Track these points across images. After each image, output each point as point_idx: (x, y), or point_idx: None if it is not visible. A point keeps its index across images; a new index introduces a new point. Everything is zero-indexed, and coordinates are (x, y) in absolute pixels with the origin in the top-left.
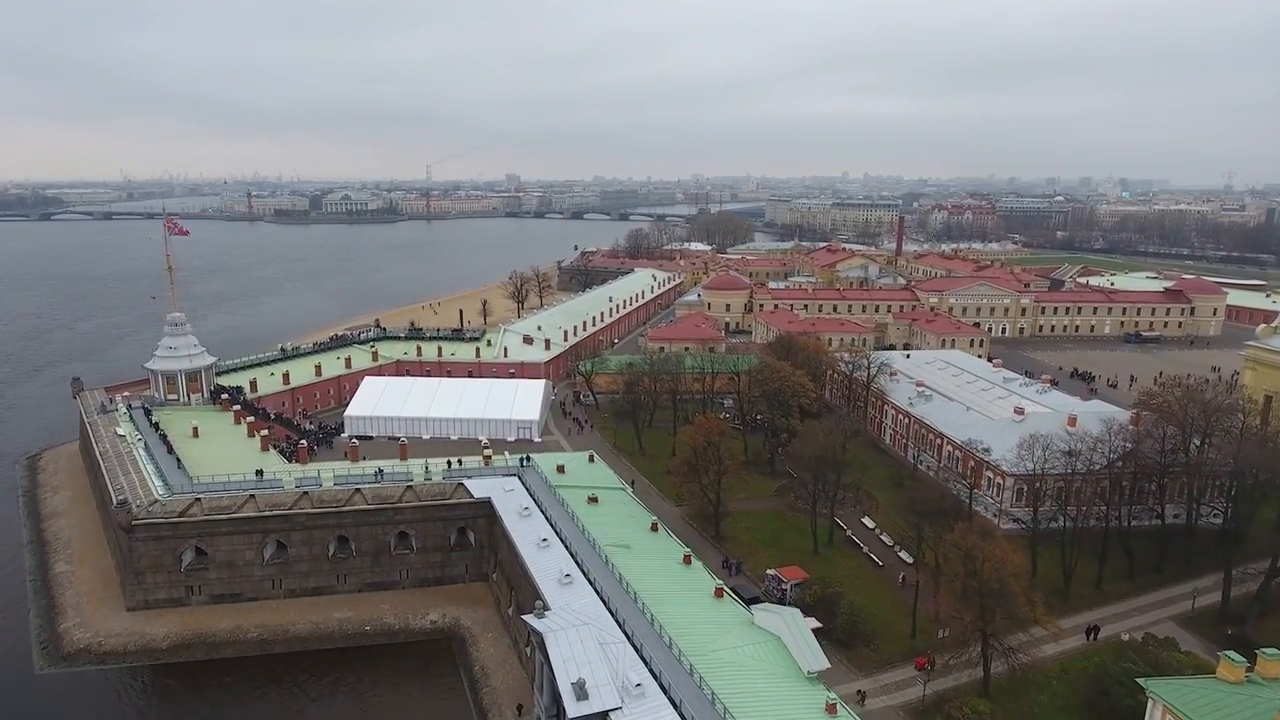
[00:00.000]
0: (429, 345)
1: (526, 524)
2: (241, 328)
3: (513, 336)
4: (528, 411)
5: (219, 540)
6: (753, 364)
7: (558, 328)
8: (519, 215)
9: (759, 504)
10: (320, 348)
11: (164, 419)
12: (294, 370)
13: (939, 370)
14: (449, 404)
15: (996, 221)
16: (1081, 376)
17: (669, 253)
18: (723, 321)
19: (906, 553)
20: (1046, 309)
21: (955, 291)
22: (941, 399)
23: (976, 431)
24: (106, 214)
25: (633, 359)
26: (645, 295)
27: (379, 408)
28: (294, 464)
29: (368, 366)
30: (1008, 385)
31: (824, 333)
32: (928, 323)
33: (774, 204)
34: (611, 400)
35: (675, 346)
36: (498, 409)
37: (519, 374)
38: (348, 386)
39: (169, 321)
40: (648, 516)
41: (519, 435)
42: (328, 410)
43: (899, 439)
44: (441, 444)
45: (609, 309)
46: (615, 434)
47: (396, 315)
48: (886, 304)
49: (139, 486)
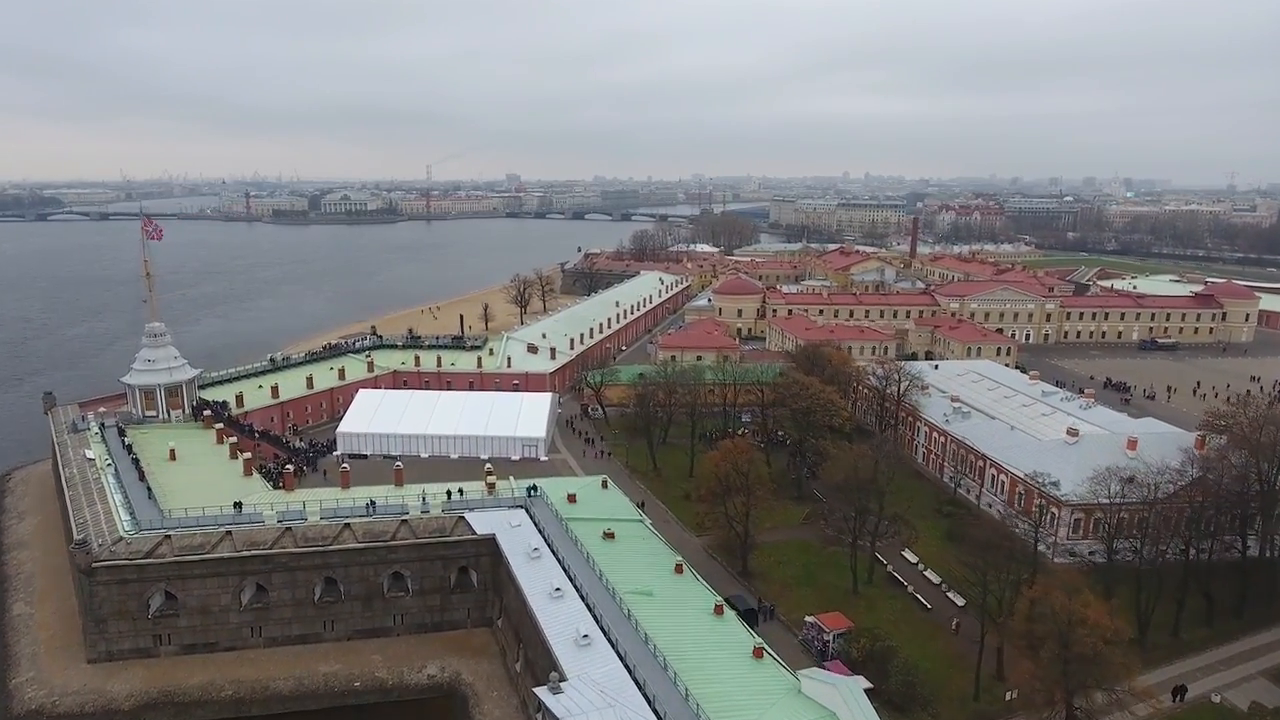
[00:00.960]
0: (428, 354)
1: (537, 569)
2: (234, 332)
3: (516, 345)
4: (533, 428)
5: (191, 583)
6: (775, 375)
7: (563, 335)
8: (520, 215)
9: (787, 533)
10: (312, 358)
11: (139, 439)
12: (284, 382)
13: (973, 384)
14: (449, 419)
15: (1005, 222)
16: (1115, 387)
17: (676, 255)
18: (735, 327)
19: (957, 593)
20: (1071, 314)
21: (977, 296)
22: (981, 417)
23: (1026, 455)
24: (103, 214)
25: (644, 369)
26: (653, 300)
27: (374, 423)
28: (279, 490)
29: (362, 378)
30: (1048, 400)
31: (843, 341)
32: (951, 330)
33: (778, 204)
34: (622, 414)
35: (687, 355)
36: (501, 425)
37: (523, 386)
38: (341, 399)
39: (147, 332)
40: (671, 555)
41: (524, 454)
42: (319, 425)
43: (934, 459)
44: (441, 464)
45: (616, 315)
46: (628, 452)
47: (395, 320)
48: (905, 309)
49: (103, 521)
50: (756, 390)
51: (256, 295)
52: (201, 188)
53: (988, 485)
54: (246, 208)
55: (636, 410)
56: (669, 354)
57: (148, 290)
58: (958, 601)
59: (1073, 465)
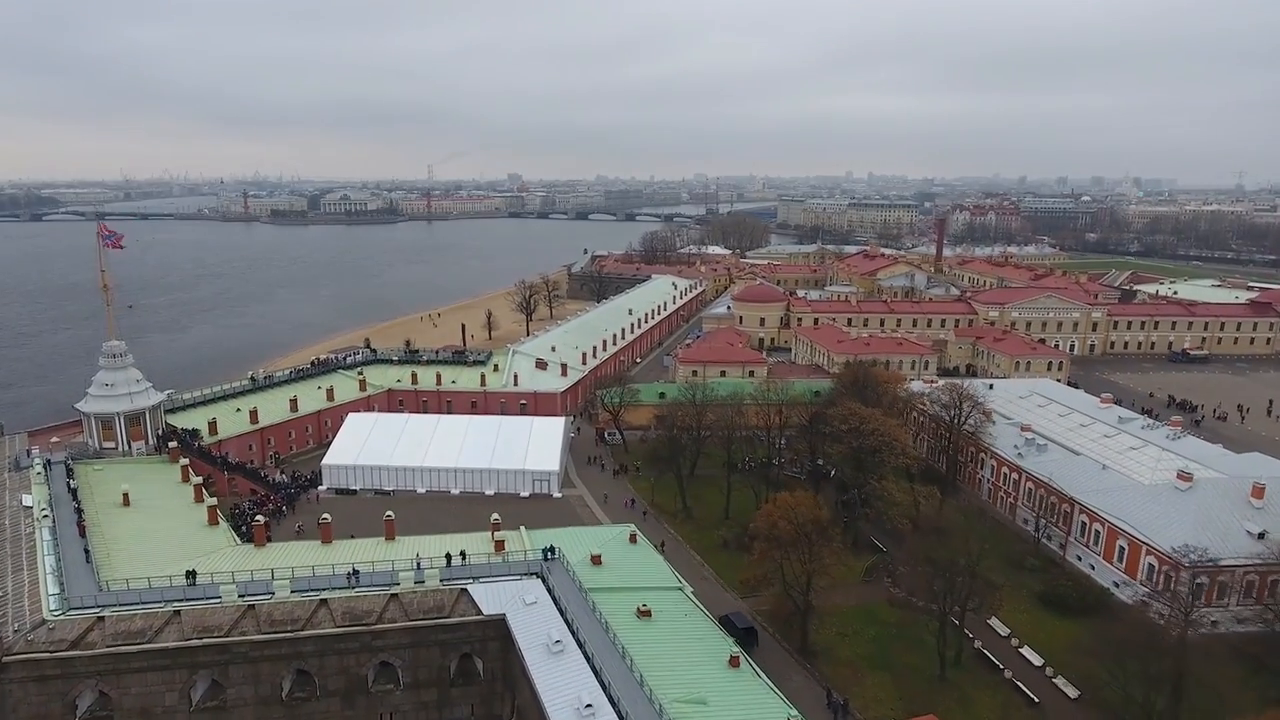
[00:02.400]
0: (426, 370)
1: (560, 670)
2: (222, 341)
3: (523, 360)
4: (546, 459)
5: (129, 679)
6: (813, 395)
7: (573, 348)
8: (522, 215)
9: (847, 594)
10: (298, 375)
11: (90, 479)
12: (264, 405)
13: (1038, 408)
14: (450, 448)
15: (1021, 223)
16: (1180, 406)
17: (688, 257)
18: (756, 338)
19: (1065, 680)
20: (1119, 324)
21: (1018, 304)
22: (1060, 450)
23: (1129, 503)
24: (99, 214)
25: (667, 388)
26: (667, 306)
27: (364, 453)
28: (248, 545)
29: (353, 398)
30: (1127, 428)
31: (880, 354)
32: (996, 341)
33: (786, 204)
34: (643, 438)
35: (709, 371)
36: (509, 455)
37: (531, 406)
38: (329, 423)
39: (105, 352)
40: (722, 641)
41: (535, 489)
42: (305, 453)
43: (1003, 498)
44: (440, 501)
45: (629, 324)
46: (652, 486)
47: (392, 329)
48: (940, 318)
49: (26, 596)
50: (798, 413)
51: (250, 300)
52: (201, 187)
53: (1076, 533)
54: (244, 208)
55: (661, 435)
56: (689, 369)
57: (105, 304)
58: (1069, 692)
59: (1190, 517)
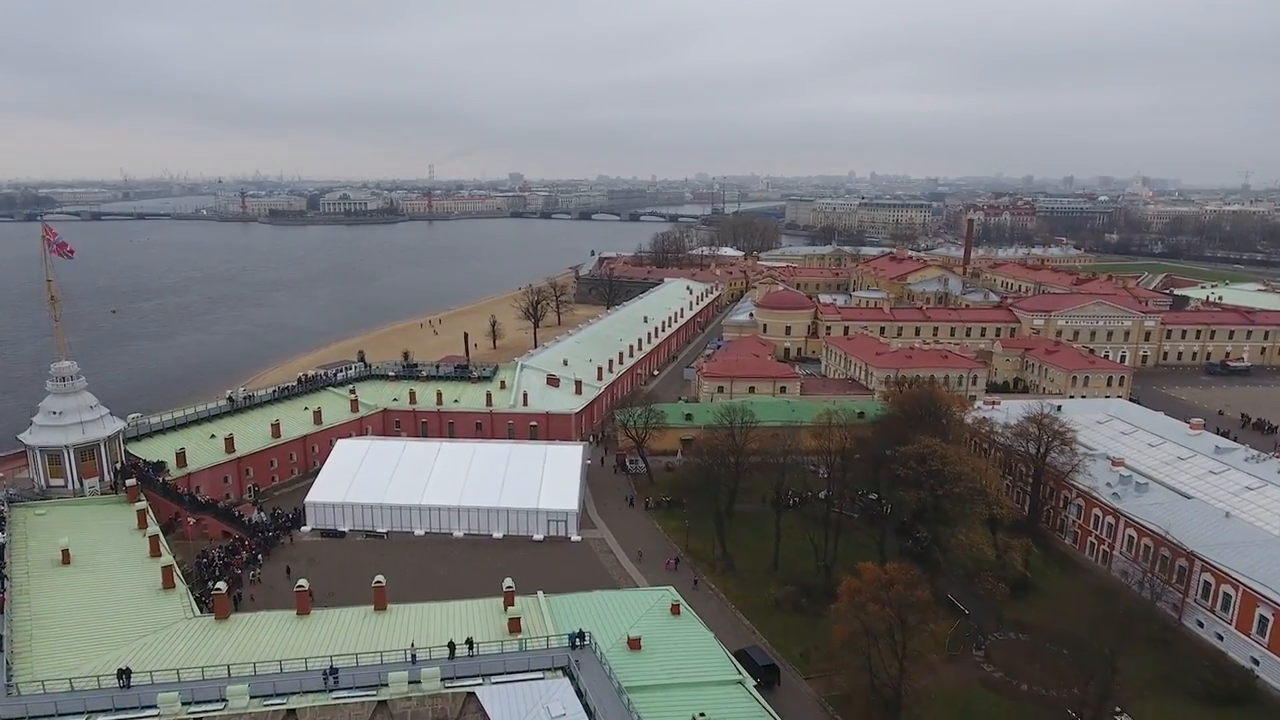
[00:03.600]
0: (426, 387)
1: None
2: (209, 350)
3: (533, 375)
4: (563, 496)
5: None
6: (860, 416)
7: (587, 360)
8: (524, 215)
9: (932, 671)
10: (282, 394)
11: (26, 527)
12: (243, 430)
13: (1121, 435)
14: (452, 481)
15: (1038, 223)
16: (1257, 426)
17: (700, 259)
18: (781, 347)
19: None
20: (1173, 332)
21: (1064, 312)
22: (1164, 491)
23: (1264, 559)
24: (95, 214)
25: (692, 408)
26: (683, 313)
27: (354, 488)
28: (208, 616)
29: (344, 420)
30: (1229, 459)
31: (923, 368)
32: (1049, 354)
33: (795, 204)
34: (669, 466)
35: (737, 386)
36: (521, 491)
37: (543, 429)
38: (317, 449)
39: (53, 374)
40: None
41: (551, 530)
42: (289, 484)
43: (1094, 545)
44: (440, 545)
45: (645, 334)
46: (685, 528)
47: (390, 336)
48: (980, 327)
49: None
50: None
51: (244, 303)
52: (201, 187)
53: (1197, 594)
54: (242, 207)
55: (692, 463)
56: (713, 384)
57: (53, 319)
58: None
59: None
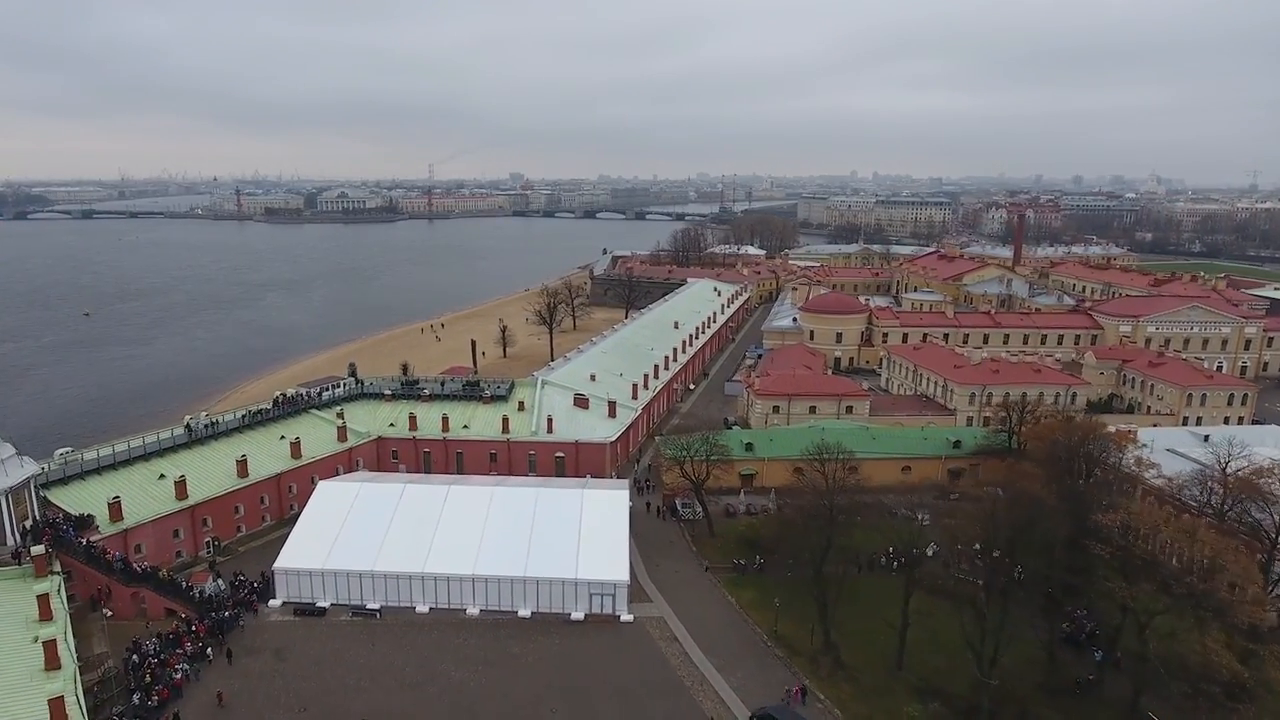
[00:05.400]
0: (429, 409)
1: None
2: (181, 359)
3: (556, 394)
4: (609, 560)
5: None
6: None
7: (617, 375)
8: (526, 214)
9: None
10: (253, 419)
11: None
12: (200, 468)
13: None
14: (465, 536)
15: (1064, 221)
16: None
17: (724, 258)
18: (832, 357)
19: None
20: (1275, 340)
21: (1155, 317)
22: None
23: None
24: (86, 213)
25: (752, 435)
26: (716, 318)
27: (339, 549)
28: None
29: (329, 453)
30: None
31: (1012, 384)
32: (1153, 366)
33: (807, 202)
34: (729, 510)
35: (796, 405)
36: (554, 553)
37: (571, 462)
38: (295, 490)
39: None
40: None
41: (594, 607)
42: (259, 536)
43: None
44: (450, 632)
45: (680, 342)
46: (770, 607)
47: (387, 342)
48: (1057, 334)
49: None
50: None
51: (233, 305)
52: (198, 186)
53: None
54: (237, 205)
55: (767, 513)
56: (768, 404)
57: None
58: None
59: None
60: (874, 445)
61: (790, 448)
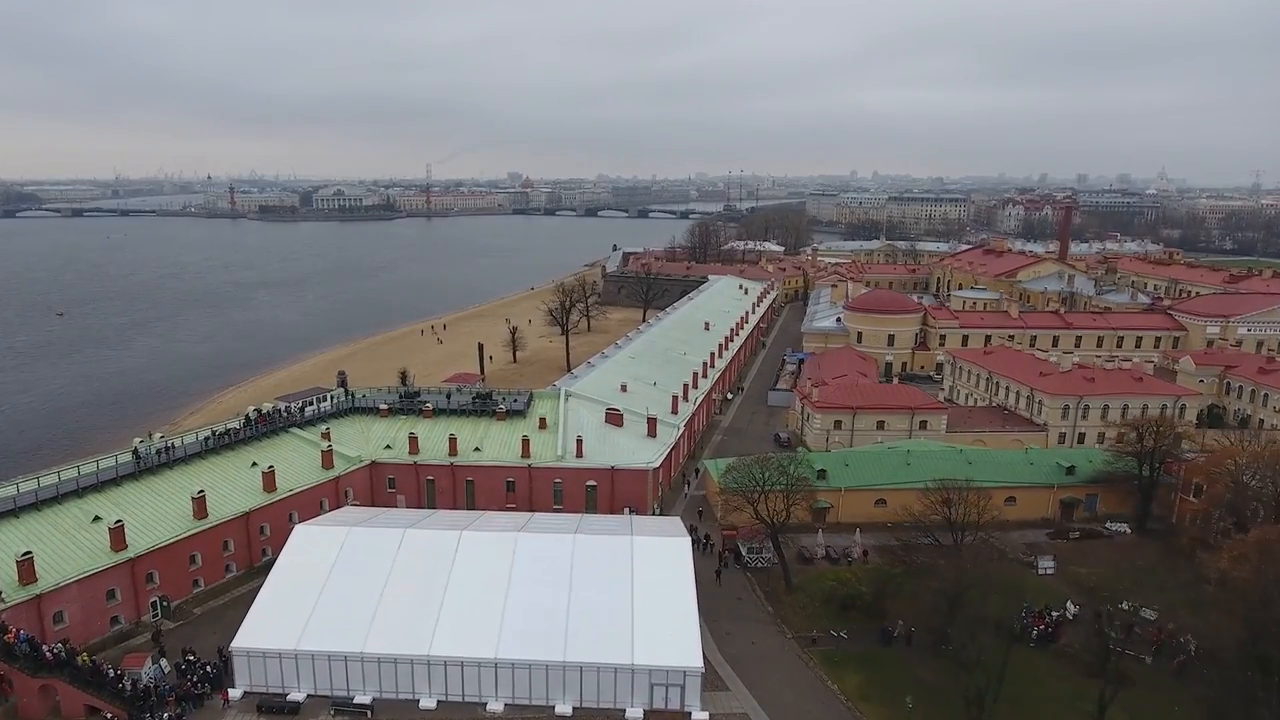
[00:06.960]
0: (432, 427)
1: None
2: (155, 365)
3: (584, 408)
4: (674, 641)
5: None
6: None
7: (651, 384)
8: (527, 212)
9: None
10: (221, 442)
11: None
12: (147, 507)
13: None
14: (483, 603)
15: (1084, 218)
16: None
17: (745, 254)
18: (883, 361)
19: None
20: None
21: (1246, 318)
22: None
23: None
24: (75, 211)
25: (825, 459)
26: (748, 319)
27: (316, 623)
28: None
29: (310, 484)
30: None
31: (1109, 395)
32: (1262, 374)
33: (817, 199)
34: (804, 553)
35: (862, 420)
36: (600, 627)
37: (604, 493)
38: (268, 531)
39: None
40: None
41: (656, 701)
42: (220, 591)
43: None
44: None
45: (716, 345)
46: (887, 698)
47: (383, 345)
48: (1135, 335)
49: None
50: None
51: (222, 304)
52: (193, 185)
53: None
54: (231, 203)
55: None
56: (828, 418)
57: None
58: None
59: None
60: (970, 471)
61: (873, 475)
